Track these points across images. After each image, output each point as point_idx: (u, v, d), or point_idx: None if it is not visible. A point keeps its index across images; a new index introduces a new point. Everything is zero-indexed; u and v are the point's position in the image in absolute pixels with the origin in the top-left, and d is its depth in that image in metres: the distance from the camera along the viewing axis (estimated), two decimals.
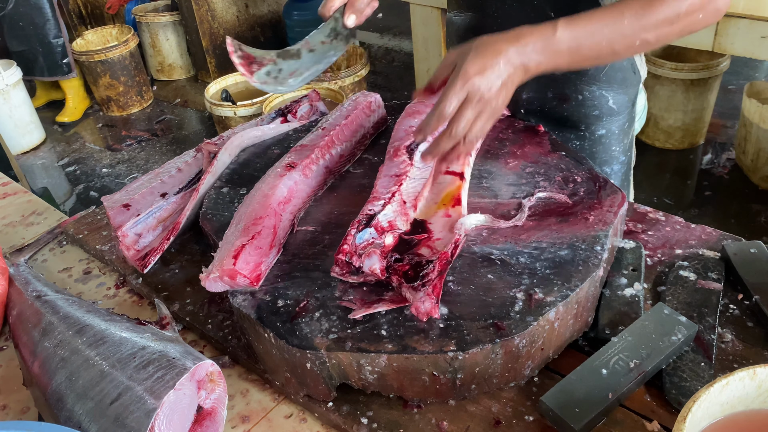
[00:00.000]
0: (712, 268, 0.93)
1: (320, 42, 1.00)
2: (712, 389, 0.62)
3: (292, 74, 0.99)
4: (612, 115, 1.16)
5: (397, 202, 0.93)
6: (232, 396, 0.87)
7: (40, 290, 0.97)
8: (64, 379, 0.78)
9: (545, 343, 0.80)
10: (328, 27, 1.00)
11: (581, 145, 1.19)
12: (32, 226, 1.29)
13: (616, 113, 1.16)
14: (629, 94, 1.16)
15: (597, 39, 0.85)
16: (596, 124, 1.15)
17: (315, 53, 1.00)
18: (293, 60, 0.99)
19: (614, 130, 1.17)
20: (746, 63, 3.71)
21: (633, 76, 1.15)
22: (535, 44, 0.84)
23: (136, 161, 3.68)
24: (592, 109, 1.15)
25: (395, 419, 0.80)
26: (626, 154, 1.23)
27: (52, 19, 3.68)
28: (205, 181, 1.11)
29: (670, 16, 0.84)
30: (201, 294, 1.00)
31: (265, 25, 4.39)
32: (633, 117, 1.20)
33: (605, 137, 1.17)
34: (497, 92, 0.83)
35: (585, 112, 1.15)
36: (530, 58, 0.84)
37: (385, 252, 0.86)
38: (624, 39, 0.86)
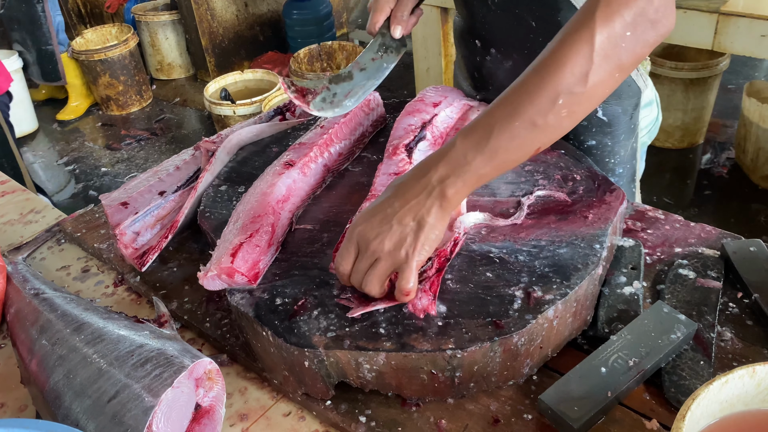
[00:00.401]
0: (711, 267, 0.93)
1: (371, 59, 1.04)
2: (711, 387, 0.61)
3: (347, 95, 1.01)
4: (603, 126, 1.11)
5: None
6: (231, 394, 0.87)
7: (38, 288, 0.97)
8: (62, 377, 0.78)
9: (544, 341, 0.80)
10: (377, 43, 1.03)
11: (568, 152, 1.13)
12: (30, 224, 1.29)
13: (607, 125, 1.11)
14: (623, 105, 1.10)
15: (507, 137, 0.75)
16: (585, 134, 1.11)
17: (366, 71, 1.03)
18: (346, 83, 1.02)
19: (607, 142, 1.12)
20: (746, 62, 3.71)
21: (627, 89, 1.10)
22: (441, 169, 0.76)
23: (136, 160, 3.68)
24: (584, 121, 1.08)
25: (394, 417, 0.79)
26: (624, 167, 1.18)
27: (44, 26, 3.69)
28: (203, 179, 1.10)
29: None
30: (199, 292, 1.00)
31: (264, 24, 4.38)
32: (632, 129, 1.14)
33: (596, 148, 1.13)
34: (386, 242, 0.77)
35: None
36: (447, 185, 0.76)
37: None
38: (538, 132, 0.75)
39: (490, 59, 1.16)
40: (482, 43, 1.16)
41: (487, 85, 1.21)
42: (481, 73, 1.19)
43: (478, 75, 1.21)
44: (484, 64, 1.18)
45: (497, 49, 1.14)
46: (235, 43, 4.27)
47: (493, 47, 1.14)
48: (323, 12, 4.05)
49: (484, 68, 1.19)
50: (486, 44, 1.16)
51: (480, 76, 1.21)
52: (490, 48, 1.15)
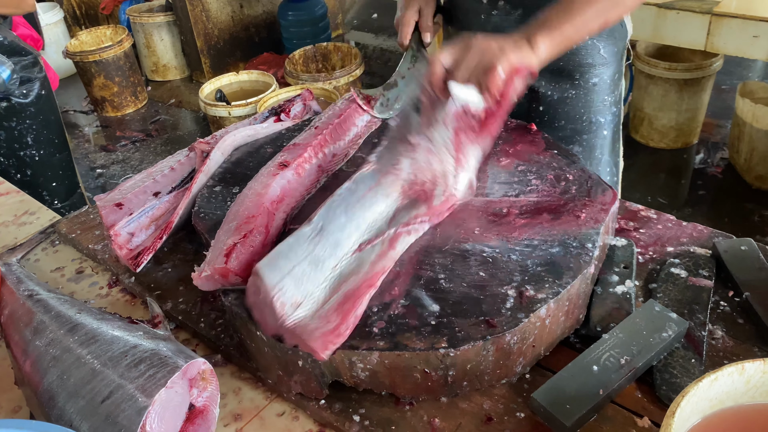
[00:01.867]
0: (703, 266, 0.93)
1: (407, 69, 1.21)
2: (701, 384, 0.62)
3: (396, 100, 1.20)
4: (603, 64, 1.26)
5: None
6: (225, 394, 0.87)
7: (32, 289, 0.97)
8: (56, 378, 0.78)
9: (536, 340, 0.80)
10: (409, 55, 1.18)
11: (576, 94, 1.27)
12: (25, 225, 1.29)
13: (607, 62, 1.26)
14: (618, 45, 1.27)
15: (576, 32, 0.97)
16: (589, 72, 1.25)
17: (406, 78, 1.20)
18: (393, 89, 1.21)
19: (606, 78, 1.28)
20: (739, 63, 3.73)
21: (621, 29, 1.27)
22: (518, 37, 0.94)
23: (131, 162, 3.67)
24: (585, 57, 1.24)
25: (387, 416, 0.80)
26: (617, 106, 1.33)
27: None
28: (197, 180, 1.11)
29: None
30: (194, 293, 1.00)
31: (259, 26, 4.38)
32: (621, 70, 1.32)
33: (598, 85, 1.27)
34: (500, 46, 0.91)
35: (579, 61, 1.24)
36: (519, 46, 0.92)
37: None
38: (598, 14, 0.98)
39: (497, 13, 1.22)
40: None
41: None
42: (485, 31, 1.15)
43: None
44: (490, 20, 1.23)
45: (507, 1, 1.20)
46: (230, 45, 4.27)
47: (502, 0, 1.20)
48: (318, 13, 4.05)
49: (489, 25, 1.23)
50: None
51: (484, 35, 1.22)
52: (498, 1, 1.20)
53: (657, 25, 2.49)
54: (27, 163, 1.88)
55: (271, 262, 0.81)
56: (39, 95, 1.85)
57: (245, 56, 4.31)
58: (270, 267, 0.81)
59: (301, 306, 0.79)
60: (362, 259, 0.85)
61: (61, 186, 1.99)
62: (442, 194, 0.93)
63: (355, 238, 0.88)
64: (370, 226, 0.90)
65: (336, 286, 0.82)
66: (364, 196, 0.92)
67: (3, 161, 1.84)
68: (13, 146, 1.83)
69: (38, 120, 1.86)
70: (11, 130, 1.81)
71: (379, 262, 0.84)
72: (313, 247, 0.85)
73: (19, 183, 1.77)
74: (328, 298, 0.81)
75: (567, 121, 1.29)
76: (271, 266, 0.81)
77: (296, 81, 3.30)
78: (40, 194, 1.91)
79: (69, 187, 2.03)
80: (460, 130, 0.93)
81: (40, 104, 1.85)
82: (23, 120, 1.82)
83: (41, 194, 1.92)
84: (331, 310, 0.79)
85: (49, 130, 1.90)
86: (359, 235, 0.89)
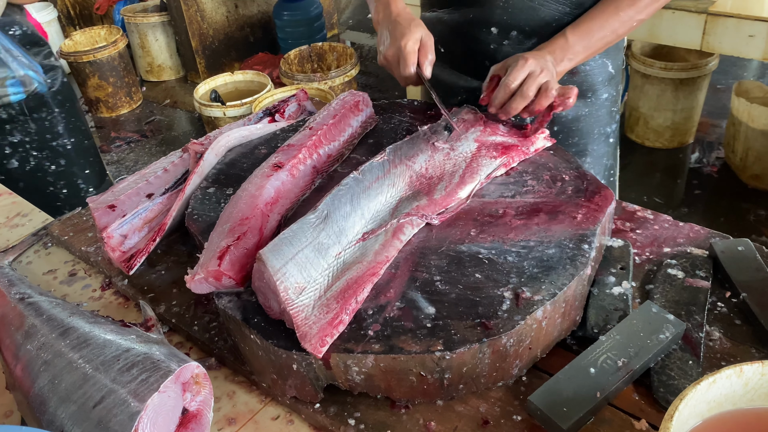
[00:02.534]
0: (699, 266, 0.93)
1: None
2: (699, 387, 0.61)
3: None
4: (612, 79, 1.30)
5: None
6: (219, 398, 0.87)
7: (24, 292, 0.96)
8: (47, 383, 0.77)
9: (533, 342, 0.80)
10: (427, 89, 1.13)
11: (589, 111, 1.30)
12: (17, 227, 1.27)
13: (614, 77, 1.31)
14: (620, 58, 1.32)
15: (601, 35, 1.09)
16: (601, 89, 1.29)
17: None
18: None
19: (613, 92, 1.33)
20: (734, 62, 3.73)
21: (622, 42, 1.31)
22: (555, 54, 1.06)
23: (125, 162, 3.66)
24: (597, 76, 1.28)
25: (383, 420, 0.79)
26: (619, 112, 1.39)
27: None
28: (191, 181, 1.10)
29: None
30: (187, 295, 0.99)
31: (254, 26, 4.37)
32: (620, 81, 1.36)
33: (608, 99, 1.31)
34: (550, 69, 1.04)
35: (592, 81, 1.28)
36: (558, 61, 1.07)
37: None
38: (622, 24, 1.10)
39: (509, 43, 1.21)
40: (500, 29, 1.20)
41: None
42: (495, 60, 1.21)
43: (491, 64, 1.22)
44: (500, 50, 1.22)
45: (519, 31, 1.20)
46: (225, 45, 4.26)
47: (514, 30, 1.20)
48: (314, 13, 4.04)
49: (500, 54, 1.22)
50: (505, 29, 1.20)
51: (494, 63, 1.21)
52: (511, 32, 1.20)
53: (652, 25, 2.49)
54: (61, 153, 1.83)
55: (275, 248, 0.82)
56: (63, 83, 1.82)
57: (240, 56, 4.30)
58: (274, 252, 0.81)
59: (304, 291, 0.79)
60: (366, 248, 0.87)
61: (93, 172, 1.95)
62: (444, 190, 0.97)
63: (359, 227, 0.90)
64: (374, 216, 0.92)
65: (339, 273, 0.83)
66: (370, 186, 0.95)
67: (37, 155, 1.80)
68: (45, 138, 1.79)
69: (65, 108, 1.82)
70: (42, 122, 1.77)
71: (382, 252, 0.86)
72: (317, 234, 0.85)
73: (55, 174, 1.77)
74: (331, 285, 0.82)
75: (580, 137, 1.31)
76: (275, 252, 0.81)
77: (291, 81, 3.29)
78: (75, 184, 1.86)
79: (100, 173, 2.00)
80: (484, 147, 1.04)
81: (65, 92, 1.82)
82: (52, 110, 1.79)
83: (77, 183, 1.87)
84: (332, 297, 0.80)
85: (76, 117, 1.87)
86: (363, 225, 0.90)
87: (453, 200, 0.96)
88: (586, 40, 1.09)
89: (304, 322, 0.77)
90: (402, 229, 0.90)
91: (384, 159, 1.00)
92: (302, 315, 0.77)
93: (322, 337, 0.75)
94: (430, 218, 0.92)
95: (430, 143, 1.05)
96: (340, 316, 0.77)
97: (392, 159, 1.00)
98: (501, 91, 1.03)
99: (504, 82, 1.02)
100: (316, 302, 0.79)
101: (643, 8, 1.10)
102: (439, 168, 1.01)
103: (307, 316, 0.78)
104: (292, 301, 0.78)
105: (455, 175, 0.99)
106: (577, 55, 1.10)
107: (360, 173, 0.96)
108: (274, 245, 0.83)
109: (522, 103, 1.02)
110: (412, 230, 0.91)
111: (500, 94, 1.04)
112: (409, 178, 0.99)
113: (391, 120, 1.21)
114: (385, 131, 1.18)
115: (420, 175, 1.00)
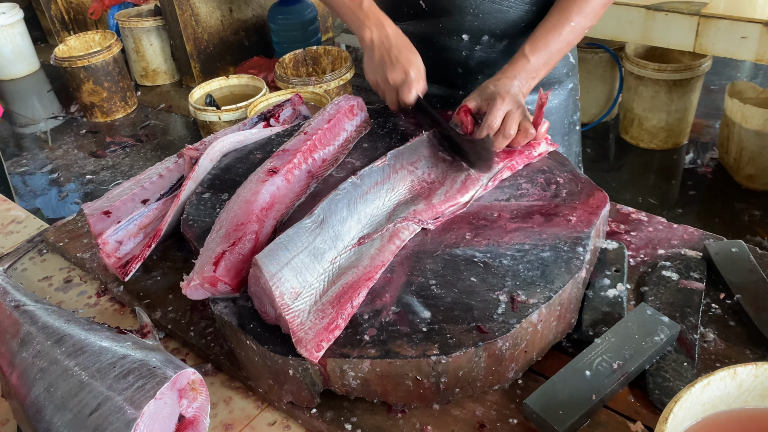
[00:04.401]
0: (694, 268, 0.93)
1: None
2: (694, 389, 0.62)
3: None
4: (573, 68, 1.37)
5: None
6: (215, 404, 0.86)
7: (19, 300, 0.96)
8: (43, 390, 0.77)
9: (528, 345, 0.80)
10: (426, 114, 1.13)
11: (558, 103, 1.35)
12: (12, 234, 1.27)
13: (575, 66, 1.38)
14: (575, 48, 1.36)
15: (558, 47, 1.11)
16: (566, 80, 1.35)
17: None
18: None
19: (576, 81, 1.39)
20: (727, 63, 3.75)
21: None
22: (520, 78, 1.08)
23: (121, 167, 3.65)
24: (562, 68, 1.33)
25: (379, 424, 0.79)
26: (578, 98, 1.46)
27: None
28: (186, 186, 1.10)
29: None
30: (183, 301, 0.99)
31: (249, 30, 4.37)
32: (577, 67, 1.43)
33: (573, 89, 1.38)
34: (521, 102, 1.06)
35: (558, 74, 1.33)
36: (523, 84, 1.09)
37: None
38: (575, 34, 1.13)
39: (481, 48, 1.23)
40: (471, 35, 1.22)
41: (477, 74, 1.27)
42: (467, 66, 1.25)
43: (463, 70, 1.26)
44: (472, 55, 1.24)
45: (491, 35, 1.21)
46: (220, 49, 4.25)
47: (485, 35, 1.21)
48: (308, 17, 4.04)
49: (472, 60, 1.25)
50: (477, 34, 1.22)
51: (466, 69, 1.26)
52: (482, 36, 1.22)
53: (646, 27, 2.50)
54: None
55: (271, 253, 0.82)
56: None
57: (235, 60, 4.30)
58: (270, 257, 0.81)
59: (300, 296, 0.80)
60: (362, 252, 0.87)
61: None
62: (443, 195, 0.98)
63: (355, 232, 0.90)
64: (371, 221, 0.93)
65: (335, 278, 0.84)
66: (368, 191, 0.95)
67: None
68: None
69: None
70: None
71: (378, 257, 0.86)
72: (313, 239, 0.86)
73: None
74: (327, 290, 0.82)
75: (553, 129, 1.33)
76: (271, 257, 0.81)
77: (286, 85, 3.29)
78: None
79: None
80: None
81: None
82: None
83: None
84: (327, 302, 0.80)
85: None
86: (359, 229, 0.91)
87: (452, 205, 0.96)
88: (546, 56, 1.10)
89: (300, 328, 0.77)
90: (398, 233, 0.90)
91: (385, 164, 1.00)
92: (298, 320, 0.77)
93: (318, 342, 0.75)
94: (425, 223, 0.92)
95: (434, 150, 1.06)
96: (336, 321, 0.77)
97: (393, 164, 1.01)
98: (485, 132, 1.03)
99: (487, 124, 1.02)
100: (311, 307, 0.80)
101: (590, 14, 1.12)
102: (442, 173, 1.02)
103: (303, 321, 0.78)
104: (287, 306, 0.78)
105: (457, 180, 1.00)
106: (540, 72, 1.11)
107: (359, 178, 0.96)
108: (269, 250, 0.83)
109: (505, 142, 1.03)
110: (408, 235, 0.91)
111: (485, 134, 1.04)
112: (411, 182, 1.00)
113: (386, 124, 1.22)
114: (380, 135, 1.18)
115: (422, 180, 1.01)
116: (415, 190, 0.99)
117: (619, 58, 3.04)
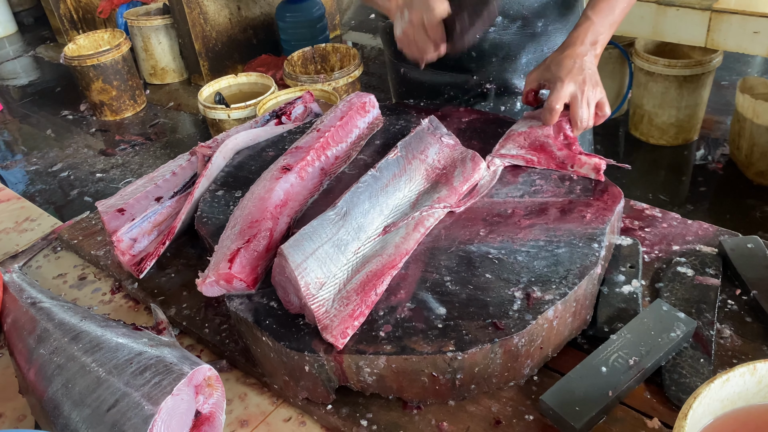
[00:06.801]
0: (709, 264, 0.93)
1: None
2: (713, 385, 0.61)
3: None
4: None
5: None
6: (231, 400, 0.87)
7: (35, 297, 0.97)
8: (60, 387, 0.77)
9: (544, 341, 0.80)
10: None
11: None
12: (26, 232, 1.28)
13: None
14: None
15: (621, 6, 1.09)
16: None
17: None
18: None
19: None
20: (739, 58, 3.72)
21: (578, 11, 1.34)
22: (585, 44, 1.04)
23: (131, 165, 3.67)
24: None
25: (395, 421, 0.79)
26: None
27: None
28: (200, 184, 1.10)
29: None
30: (197, 298, 1.00)
31: (257, 28, 4.37)
32: None
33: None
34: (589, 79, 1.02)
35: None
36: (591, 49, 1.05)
37: None
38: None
39: (495, 29, 1.23)
40: None
41: (491, 57, 1.27)
42: (481, 48, 1.24)
43: (477, 53, 1.26)
44: (486, 37, 1.24)
45: (504, 15, 1.21)
46: (228, 47, 4.26)
47: (498, 16, 1.21)
48: (316, 14, 4.04)
49: (486, 43, 1.24)
50: None
51: (480, 52, 1.25)
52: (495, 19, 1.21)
53: (657, 22, 2.49)
54: None
55: (296, 244, 0.83)
56: None
57: (243, 58, 4.31)
58: (294, 248, 0.82)
59: (324, 286, 0.81)
60: (386, 241, 0.89)
61: None
62: (461, 175, 0.99)
63: (378, 223, 0.92)
64: (394, 211, 0.95)
65: (358, 267, 0.85)
66: (388, 183, 0.97)
67: None
68: None
69: None
70: None
71: (403, 245, 0.88)
72: (337, 231, 0.87)
73: None
74: (350, 279, 0.84)
75: None
76: (296, 247, 0.83)
77: (295, 83, 3.29)
78: None
79: None
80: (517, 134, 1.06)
81: None
82: None
83: None
84: (351, 290, 0.82)
85: None
86: (383, 220, 0.93)
87: (472, 183, 0.99)
88: (610, 16, 1.07)
89: (325, 316, 0.78)
90: (423, 221, 0.92)
91: (398, 155, 1.01)
92: (323, 309, 0.79)
93: (343, 329, 0.77)
94: (451, 206, 0.94)
95: (436, 136, 1.07)
96: (360, 308, 0.79)
97: (405, 155, 1.02)
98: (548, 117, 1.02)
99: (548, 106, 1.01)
100: (335, 296, 0.81)
101: None
102: (450, 158, 1.04)
103: (328, 309, 0.79)
104: (313, 295, 0.79)
105: (465, 159, 1.02)
106: (606, 35, 1.07)
107: (378, 170, 0.98)
108: (294, 241, 0.84)
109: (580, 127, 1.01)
110: (434, 222, 0.93)
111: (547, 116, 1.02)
112: (425, 171, 1.01)
113: (398, 121, 1.22)
114: (392, 132, 1.18)
115: (434, 167, 1.02)
116: (432, 178, 1.01)
117: (628, 54, 3.03)
